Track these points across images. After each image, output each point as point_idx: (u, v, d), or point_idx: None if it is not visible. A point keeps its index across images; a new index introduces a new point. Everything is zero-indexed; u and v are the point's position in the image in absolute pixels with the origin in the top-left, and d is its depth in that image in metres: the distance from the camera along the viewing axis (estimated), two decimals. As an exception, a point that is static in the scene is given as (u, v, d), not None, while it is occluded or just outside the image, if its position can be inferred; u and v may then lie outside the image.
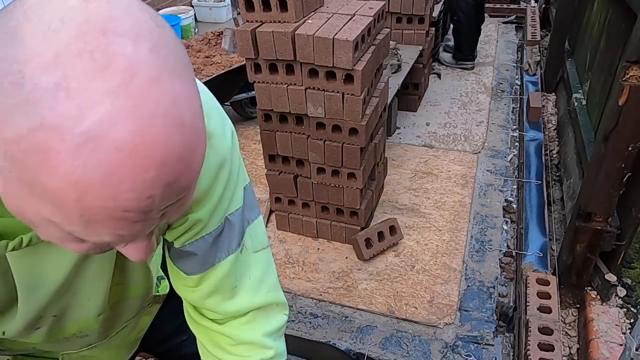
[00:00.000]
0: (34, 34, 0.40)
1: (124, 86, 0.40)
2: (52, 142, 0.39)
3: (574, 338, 2.00)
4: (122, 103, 0.39)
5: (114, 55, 0.40)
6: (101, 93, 0.39)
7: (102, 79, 0.39)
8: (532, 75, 3.97)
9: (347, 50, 1.83)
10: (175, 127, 0.42)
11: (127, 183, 0.41)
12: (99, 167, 0.39)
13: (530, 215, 2.45)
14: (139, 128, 0.40)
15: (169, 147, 0.42)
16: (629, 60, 1.55)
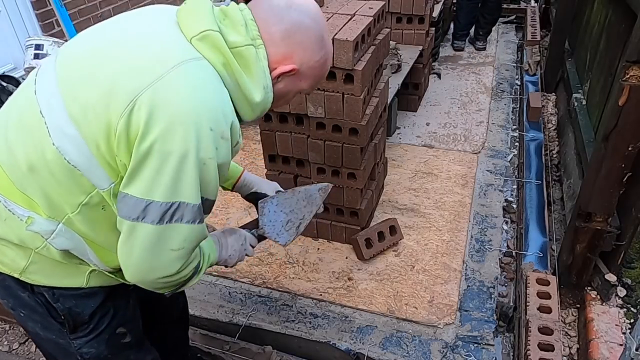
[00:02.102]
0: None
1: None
2: (330, 55, 1.18)
3: (574, 338, 2.00)
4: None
5: None
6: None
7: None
8: (532, 75, 3.97)
9: (347, 50, 1.83)
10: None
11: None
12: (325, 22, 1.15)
13: (530, 215, 2.46)
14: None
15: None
16: (629, 60, 1.55)
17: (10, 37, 3.95)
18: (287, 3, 1.07)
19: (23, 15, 3.98)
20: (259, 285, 2.23)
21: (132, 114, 0.93)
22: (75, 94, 0.98)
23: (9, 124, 1.05)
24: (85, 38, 1.09)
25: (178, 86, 0.94)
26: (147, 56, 0.97)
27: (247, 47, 1.03)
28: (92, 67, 0.99)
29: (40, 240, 1.06)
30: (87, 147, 0.97)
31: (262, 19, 1.06)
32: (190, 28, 1.01)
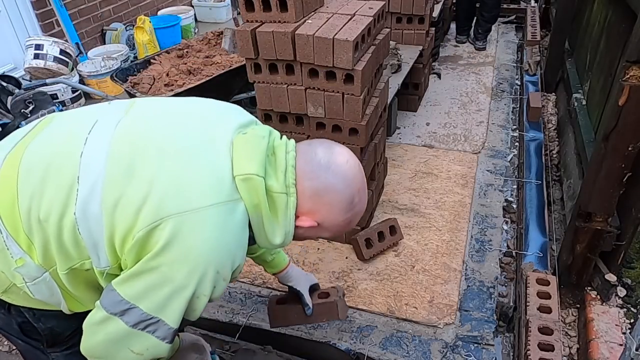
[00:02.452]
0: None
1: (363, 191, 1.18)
2: (359, 214, 1.19)
3: (574, 338, 2.00)
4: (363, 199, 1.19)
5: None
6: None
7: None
8: (532, 75, 3.97)
9: (347, 50, 1.83)
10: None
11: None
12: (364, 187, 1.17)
13: (530, 215, 2.45)
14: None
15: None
16: (629, 60, 1.55)
17: (10, 37, 3.95)
18: (327, 162, 1.09)
19: (23, 15, 3.98)
20: (259, 285, 2.23)
21: (155, 230, 0.96)
22: (116, 182, 0.99)
23: (41, 163, 1.03)
24: (148, 117, 1.10)
25: (205, 227, 0.98)
26: (192, 180, 1.00)
27: (280, 195, 1.06)
28: (140, 161, 1.00)
29: (21, 280, 1.07)
30: (102, 232, 1.00)
31: (301, 169, 1.09)
32: (239, 165, 1.04)
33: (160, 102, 1.18)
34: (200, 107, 1.17)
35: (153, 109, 1.14)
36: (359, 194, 1.14)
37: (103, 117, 1.10)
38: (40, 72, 3.73)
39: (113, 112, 1.11)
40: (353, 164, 1.13)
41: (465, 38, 4.73)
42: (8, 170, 1.04)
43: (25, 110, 3.18)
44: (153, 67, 3.30)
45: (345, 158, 1.12)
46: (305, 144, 1.15)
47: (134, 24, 4.56)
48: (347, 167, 1.11)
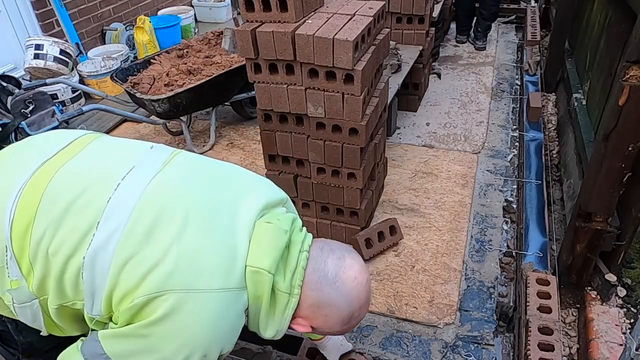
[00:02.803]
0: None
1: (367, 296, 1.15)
2: (353, 325, 1.19)
3: (574, 338, 2.00)
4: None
5: None
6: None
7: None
8: (532, 75, 3.97)
9: (347, 50, 1.83)
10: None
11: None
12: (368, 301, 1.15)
13: (530, 215, 2.45)
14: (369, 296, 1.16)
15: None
16: (629, 60, 1.55)
17: (10, 37, 3.95)
18: (334, 276, 1.08)
19: (23, 15, 3.98)
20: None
21: (156, 300, 0.95)
22: (133, 240, 0.98)
23: (66, 196, 1.02)
24: (183, 177, 1.09)
25: (206, 310, 0.97)
26: (206, 259, 0.99)
27: (284, 294, 1.05)
28: (163, 225, 0.99)
29: (9, 300, 1.06)
30: (105, 284, 0.99)
31: (308, 276, 1.08)
32: (255, 256, 1.03)
33: (197, 162, 1.17)
34: (233, 175, 1.17)
35: (190, 168, 1.13)
36: (359, 310, 1.13)
37: (141, 164, 1.08)
38: (40, 72, 3.73)
39: (152, 162, 1.10)
40: (360, 280, 1.10)
41: (466, 38, 4.73)
42: (33, 192, 1.02)
43: (25, 110, 3.18)
44: (153, 67, 3.30)
45: (354, 274, 1.09)
46: (318, 245, 1.13)
47: (134, 24, 4.56)
48: (352, 286, 1.09)
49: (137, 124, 3.67)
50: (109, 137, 1.23)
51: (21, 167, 1.07)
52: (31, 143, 1.19)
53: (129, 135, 3.58)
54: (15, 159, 1.12)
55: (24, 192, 1.02)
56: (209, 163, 1.19)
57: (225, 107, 3.55)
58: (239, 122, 3.66)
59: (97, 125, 3.65)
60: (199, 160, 1.19)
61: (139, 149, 1.16)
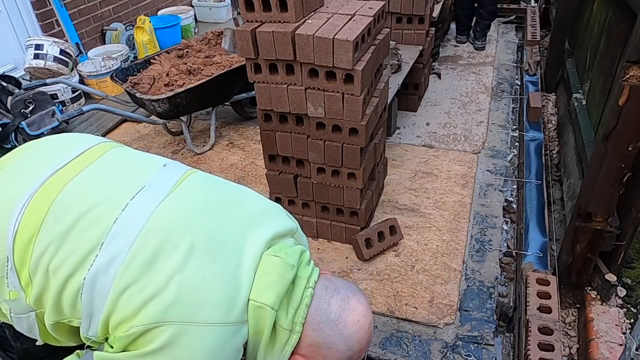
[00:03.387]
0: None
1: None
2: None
3: (574, 338, 2.00)
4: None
5: None
6: None
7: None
8: (532, 75, 3.97)
9: (347, 50, 1.83)
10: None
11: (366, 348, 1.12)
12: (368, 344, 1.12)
13: (530, 215, 2.45)
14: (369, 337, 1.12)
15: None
16: (629, 60, 1.55)
17: (10, 37, 3.95)
18: (337, 318, 1.06)
19: (23, 15, 3.98)
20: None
21: (154, 331, 0.93)
22: (135, 266, 0.96)
23: (72, 213, 1.00)
24: (193, 202, 1.07)
25: (204, 343, 0.94)
26: (208, 291, 0.96)
27: (284, 331, 1.03)
28: (167, 252, 0.97)
29: (6, 309, 1.05)
30: (103, 307, 0.97)
31: (312, 314, 1.05)
32: (258, 291, 1.00)
33: (209, 185, 1.14)
34: (244, 200, 1.14)
35: (201, 192, 1.11)
36: (359, 352, 1.11)
37: (152, 185, 1.06)
38: (40, 72, 3.73)
39: (163, 183, 1.07)
40: (363, 324, 1.08)
41: (466, 38, 4.73)
42: (40, 204, 1.00)
43: (25, 110, 3.18)
44: (153, 67, 3.30)
45: (357, 318, 1.07)
46: (323, 284, 1.10)
47: (134, 24, 4.56)
48: (354, 329, 1.07)
49: (137, 124, 3.67)
50: (124, 148, 1.21)
51: (31, 175, 1.05)
52: (44, 147, 1.16)
53: (129, 135, 3.59)
54: (26, 162, 1.10)
55: (31, 203, 1.00)
56: (221, 186, 1.16)
57: (225, 107, 3.55)
58: (239, 122, 3.66)
59: (97, 125, 3.65)
60: (210, 182, 1.16)
61: (151, 166, 1.13)
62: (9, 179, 1.06)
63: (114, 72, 3.24)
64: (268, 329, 1.01)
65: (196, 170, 1.17)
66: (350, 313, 1.06)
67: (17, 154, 1.14)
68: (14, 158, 1.12)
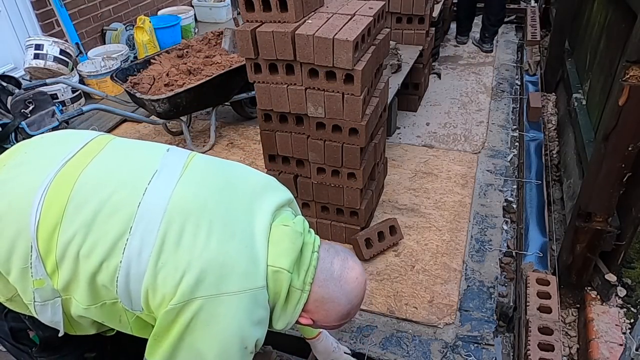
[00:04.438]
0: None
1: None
2: (351, 316, 1.27)
3: (574, 338, 2.00)
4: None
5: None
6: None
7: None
8: (532, 75, 3.97)
9: (347, 50, 1.83)
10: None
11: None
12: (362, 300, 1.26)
13: (530, 215, 2.45)
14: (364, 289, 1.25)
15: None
16: (629, 60, 1.55)
17: (10, 37, 3.95)
18: (339, 275, 1.19)
19: (23, 15, 3.98)
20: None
21: (191, 305, 1.01)
22: (166, 246, 1.02)
23: (93, 200, 1.04)
24: (204, 180, 1.14)
25: (239, 309, 1.04)
26: (232, 264, 1.05)
27: (297, 291, 1.15)
28: (191, 231, 1.04)
29: (30, 298, 1.08)
30: (141, 288, 1.03)
31: (318, 273, 1.18)
32: (275, 258, 1.11)
33: (212, 166, 1.22)
34: (245, 176, 1.24)
35: (208, 172, 1.18)
36: (356, 308, 1.25)
37: (163, 168, 1.12)
38: (40, 72, 3.73)
39: (173, 166, 1.14)
40: (361, 281, 1.22)
41: (466, 39, 4.73)
42: (59, 194, 1.04)
43: (25, 110, 3.18)
44: (153, 67, 3.30)
45: (355, 275, 1.21)
46: (325, 247, 1.23)
47: (134, 24, 4.56)
48: (354, 285, 1.20)
49: (137, 124, 3.67)
50: (123, 139, 1.26)
51: (40, 169, 1.08)
52: (44, 143, 1.19)
53: (129, 135, 3.59)
54: (29, 159, 1.13)
55: (48, 194, 1.04)
56: (223, 166, 1.25)
57: (225, 107, 3.55)
58: (239, 122, 3.66)
59: (97, 125, 3.65)
60: (213, 163, 1.24)
61: (156, 152, 1.20)
62: (16, 174, 1.09)
63: (114, 72, 3.24)
64: (285, 290, 1.12)
65: (197, 154, 1.25)
66: (350, 271, 1.20)
67: (16, 151, 1.16)
68: (14, 155, 1.15)
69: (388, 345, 1.95)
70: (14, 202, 1.04)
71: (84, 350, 1.30)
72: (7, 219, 1.04)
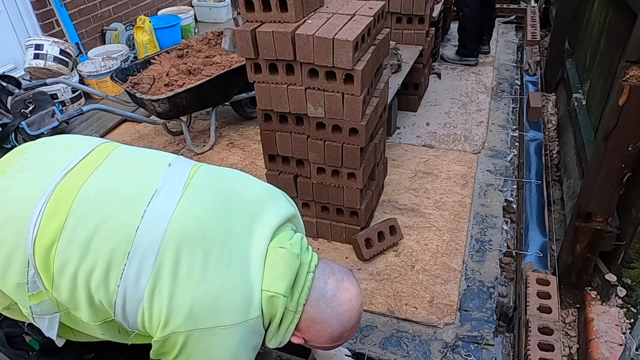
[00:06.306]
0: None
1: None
2: (344, 340, 1.26)
3: (574, 338, 2.00)
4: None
5: None
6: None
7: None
8: (532, 75, 3.97)
9: (347, 50, 1.83)
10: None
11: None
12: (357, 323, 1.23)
13: (530, 215, 2.45)
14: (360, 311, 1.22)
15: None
16: (629, 60, 1.55)
17: (10, 37, 3.95)
18: (332, 297, 1.17)
19: (23, 15, 3.98)
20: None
21: (187, 335, 1.02)
22: (162, 277, 1.01)
23: (92, 219, 1.03)
24: (203, 201, 1.12)
25: (232, 341, 1.05)
26: (226, 297, 1.04)
27: (290, 313, 1.14)
28: (187, 259, 1.03)
29: (28, 312, 1.07)
30: (138, 312, 1.03)
31: (312, 291, 1.16)
32: (270, 282, 1.09)
33: (215, 181, 1.19)
34: (249, 191, 1.21)
35: (209, 190, 1.15)
36: (349, 332, 1.22)
37: (164, 187, 1.10)
38: (40, 72, 3.73)
39: (174, 184, 1.11)
40: (355, 304, 1.19)
41: (488, 48, 4.49)
42: (57, 210, 1.02)
43: (25, 110, 3.18)
44: (153, 67, 3.30)
45: (350, 298, 1.18)
46: (321, 266, 1.21)
47: (134, 24, 4.56)
48: (347, 308, 1.17)
49: (137, 124, 3.67)
50: (126, 147, 1.23)
51: (39, 179, 1.06)
52: (45, 149, 1.17)
53: (129, 135, 3.58)
54: (30, 166, 1.11)
55: (48, 206, 1.02)
56: (225, 180, 1.21)
57: (225, 107, 3.55)
58: (239, 122, 3.66)
59: (97, 125, 3.65)
60: (214, 180, 1.19)
61: (159, 167, 1.16)
62: (17, 183, 1.07)
63: (114, 72, 3.24)
64: (280, 314, 1.12)
65: (201, 165, 1.21)
66: (344, 293, 1.17)
67: (16, 156, 1.14)
68: (14, 161, 1.13)
69: (388, 345, 1.95)
70: (14, 212, 1.03)
71: (83, 352, 1.30)
72: (6, 231, 1.02)
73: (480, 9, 4.03)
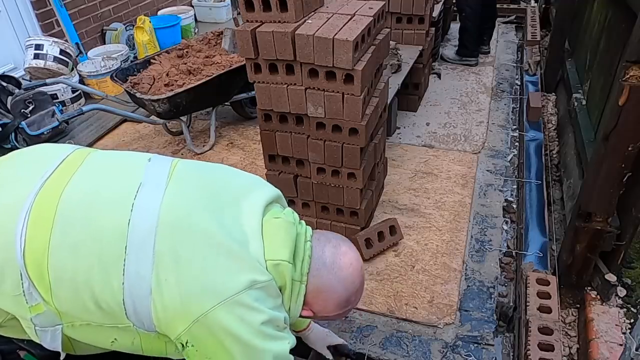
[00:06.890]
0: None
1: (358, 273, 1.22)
2: (353, 305, 1.27)
3: (574, 338, 2.00)
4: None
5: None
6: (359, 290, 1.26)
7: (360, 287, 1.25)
8: (532, 75, 3.97)
9: (347, 50, 1.83)
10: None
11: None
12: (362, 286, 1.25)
13: (530, 215, 2.45)
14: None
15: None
16: (629, 60, 1.55)
17: (10, 37, 3.95)
18: (332, 262, 1.17)
19: (23, 15, 3.98)
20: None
21: (194, 326, 1.00)
22: (165, 268, 1.00)
23: (80, 222, 1.02)
24: (189, 189, 1.12)
25: (254, 307, 1.03)
26: (227, 267, 1.03)
27: (296, 284, 1.14)
28: (188, 245, 1.03)
29: (30, 326, 1.06)
30: (150, 305, 1.01)
31: (313, 261, 1.16)
32: (272, 250, 1.10)
33: (196, 170, 1.21)
34: (229, 178, 1.24)
35: (193, 178, 1.16)
36: (355, 294, 1.22)
37: (148, 180, 1.10)
38: (40, 72, 3.73)
39: (157, 176, 1.12)
40: (356, 266, 1.19)
41: (488, 48, 4.52)
42: (41, 217, 1.01)
43: (25, 110, 3.18)
44: (153, 67, 3.30)
45: (349, 261, 1.18)
46: (316, 236, 1.21)
47: (134, 24, 4.56)
48: (349, 272, 1.18)
49: (137, 124, 3.67)
50: (102, 151, 1.24)
51: (17, 190, 1.05)
52: (19, 160, 1.16)
53: (129, 135, 3.58)
54: (7, 177, 1.10)
55: (31, 216, 1.01)
56: (206, 172, 1.23)
57: (225, 107, 3.55)
58: (239, 122, 3.66)
59: (97, 125, 3.65)
60: (197, 169, 1.22)
61: (138, 162, 1.17)
62: None
63: (114, 72, 3.24)
64: (289, 283, 1.11)
65: (179, 160, 1.23)
66: (343, 257, 1.18)
67: None
68: None
69: (388, 345, 1.95)
70: None
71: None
72: None
73: (481, 9, 4.04)
